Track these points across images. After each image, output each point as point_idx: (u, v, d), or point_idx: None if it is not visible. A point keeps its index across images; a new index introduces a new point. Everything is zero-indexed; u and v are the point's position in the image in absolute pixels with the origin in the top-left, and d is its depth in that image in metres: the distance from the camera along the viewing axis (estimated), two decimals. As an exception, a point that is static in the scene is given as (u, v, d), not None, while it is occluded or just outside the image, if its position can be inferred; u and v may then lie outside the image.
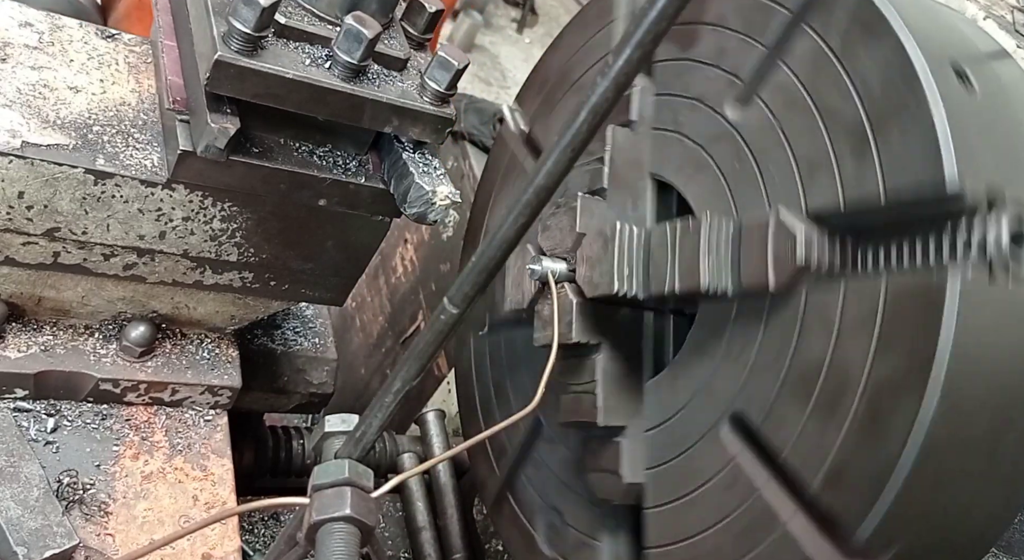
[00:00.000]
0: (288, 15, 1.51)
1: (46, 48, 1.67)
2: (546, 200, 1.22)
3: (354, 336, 3.80)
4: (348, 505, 1.18)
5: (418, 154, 1.70)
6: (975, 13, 2.12)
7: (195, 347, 1.94)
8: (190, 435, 1.87)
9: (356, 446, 1.38)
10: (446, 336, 1.32)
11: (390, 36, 1.64)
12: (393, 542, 2.34)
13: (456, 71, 1.60)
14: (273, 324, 2.25)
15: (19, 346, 1.74)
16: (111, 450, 1.76)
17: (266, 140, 1.63)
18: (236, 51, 1.42)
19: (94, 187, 1.56)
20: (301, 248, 1.81)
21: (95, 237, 1.63)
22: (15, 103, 1.54)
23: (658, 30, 1.06)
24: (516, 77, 6.77)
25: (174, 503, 1.75)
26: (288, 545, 1.31)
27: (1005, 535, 1.76)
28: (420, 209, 1.64)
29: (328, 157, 1.69)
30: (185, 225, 1.68)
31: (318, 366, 2.27)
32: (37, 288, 1.73)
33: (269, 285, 1.86)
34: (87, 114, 1.61)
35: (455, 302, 1.29)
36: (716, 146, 1.50)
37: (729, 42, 1.50)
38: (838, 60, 1.29)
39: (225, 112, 1.48)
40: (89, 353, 1.81)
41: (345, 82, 1.53)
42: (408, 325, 3.44)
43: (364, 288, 3.77)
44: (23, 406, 1.72)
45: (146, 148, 1.62)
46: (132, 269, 1.72)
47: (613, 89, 1.12)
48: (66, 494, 1.61)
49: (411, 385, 1.35)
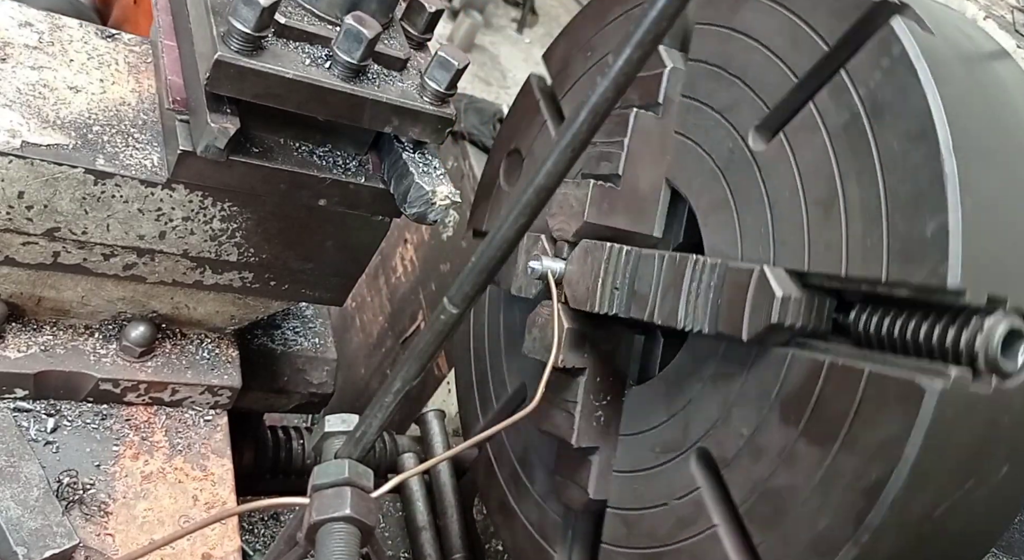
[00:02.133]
0: (288, 15, 1.50)
1: (46, 48, 1.67)
2: (546, 200, 1.22)
3: (354, 336, 3.80)
4: (348, 505, 1.18)
5: (418, 154, 1.70)
6: (975, 13, 2.12)
7: (195, 347, 1.94)
8: (190, 435, 1.87)
9: (356, 446, 1.38)
10: (446, 336, 1.32)
11: (390, 36, 1.64)
12: (393, 542, 2.34)
13: (456, 71, 1.60)
14: (273, 324, 2.25)
15: (19, 346, 1.74)
16: (111, 450, 1.76)
17: (266, 140, 1.63)
18: (236, 51, 1.42)
19: (94, 187, 1.56)
20: (301, 248, 1.81)
21: (95, 237, 1.63)
22: (15, 103, 1.54)
23: (658, 30, 1.06)
24: (516, 77, 6.76)
25: (174, 503, 1.75)
26: (288, 545, 1.30)
27: (1005, 535, 1.76)
28: (420, 209, 1.64)
29: (328, 157, 1.69)
30: (185, 225, 1.68)
31: (318, 366, 2.27)
32: (37, 288, 1.73)
33: (269, 285, 1.86)
34: (87, 114, 1.61)
35: (455, 302, 1.28)
36: (733, 171, 1.45)
37: (761, 62, 1.43)
38: (867, 119, 1.23)
39: (225, 112, 1.48)
40: (89, 353, 1.81)
41: (345, 82, 1.53)
42: (408, 325, 3.44)
43: (364, 288, 3.78)
44: (23, 406, 1.72)
45: (146, 148, 1.62)
46: (132, 269, 1.72)
47: (613, 89, 1.11)
48: (66, 494, 1.61)
49: (411, 385, 1.35)
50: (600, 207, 1.55)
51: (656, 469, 1.47)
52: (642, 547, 1.45)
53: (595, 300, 1.49)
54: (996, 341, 1.10)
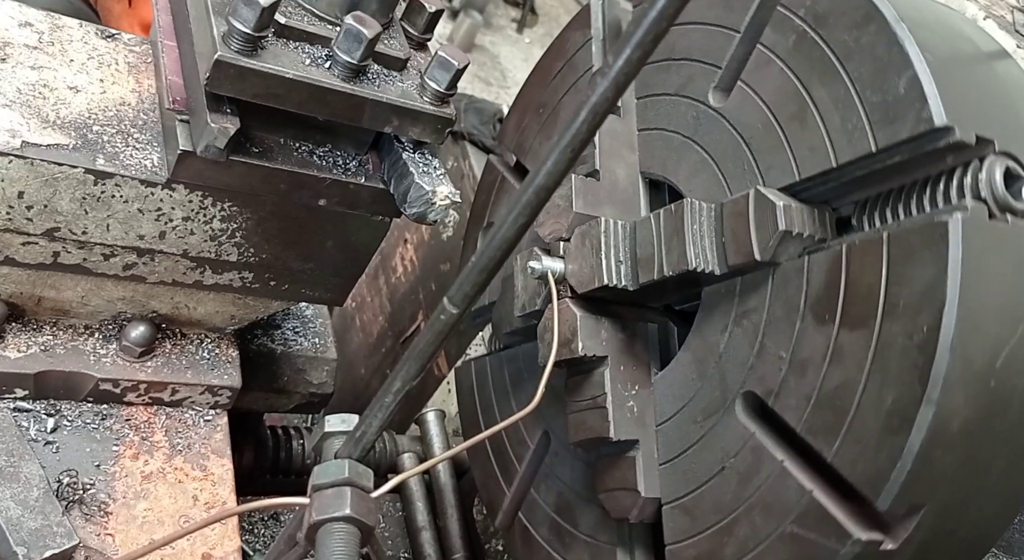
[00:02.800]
0: (288, 15, 1.50)
1: (46, 48, 1.67)
2: (546, 199, 1.22)
3: (354, 336, 3.80)
4: (348, 505, 1.18)
5: (418, 154, 1.70)
6: (975, 13, 2.12)
7: (195, 347, 1.94)
8: (190, 435, 1.87)
9: (356, 446, 1.38)
10: (446, 336, 1.31)
11: (390, 36, 1.64)
12: (393, 542, 2.34)
13: (456, 71, 1.60)
14: (273, 324, 2.25)
15: (19, 346, 1.74)
16: (111, 450, 1.76)
17: (266, 140, 1.63)
18: (236, 51, 1.42)
19: (94, 187, 1.56)
20: (301, 248, 1.81)
21: (95, 237, 1.63)
22: (15, 103, 1.54)
23: (658, 30, 1.06)
24: (516, 77, 6.76)
25: (174, 503, 1.75)
26: (288, 545, 1.30)
27: (1005, 535, 1.76)
28: (420, 209, 1.63)
29: (328, 157, 1.69)
30: (185, 225, 1.68)
31: (318, 366, 2.27)
32: (37, 288, 1.73)
33: (269, 285, 1.86)
34: (87, 114, 1.61)
35: (455, 302, 1.28)
36: (702, 133, 1.53)
37: (702, 36, 1.56)
38: (814, 30, 1.34)
39: (225, 112, 1.48)
40: (89, 353, 1.81)
41: (345, 82, 1.53)
42: (408, 325, 3.43)
43: (364, 288, 3.77)
44: (23, 406, 1.72)
45: (146, 148, 1.62)
46: (132, 269, 1.72)
47: (613, 89, 1.11)
48: (66, 494, 1.61)
49: (411, 385, 1.35)
50: (586, 198, 1.58)
51: (702, 439, 1.43)
52: (710, 526, 1.38)
53: (601, 273, 1.48)
54: (999, 178, 1.14)
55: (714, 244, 1.38)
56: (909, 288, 1.14)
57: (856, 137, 1.25)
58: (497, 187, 2.11)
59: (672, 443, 1.50)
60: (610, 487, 1.55)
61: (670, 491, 1.48)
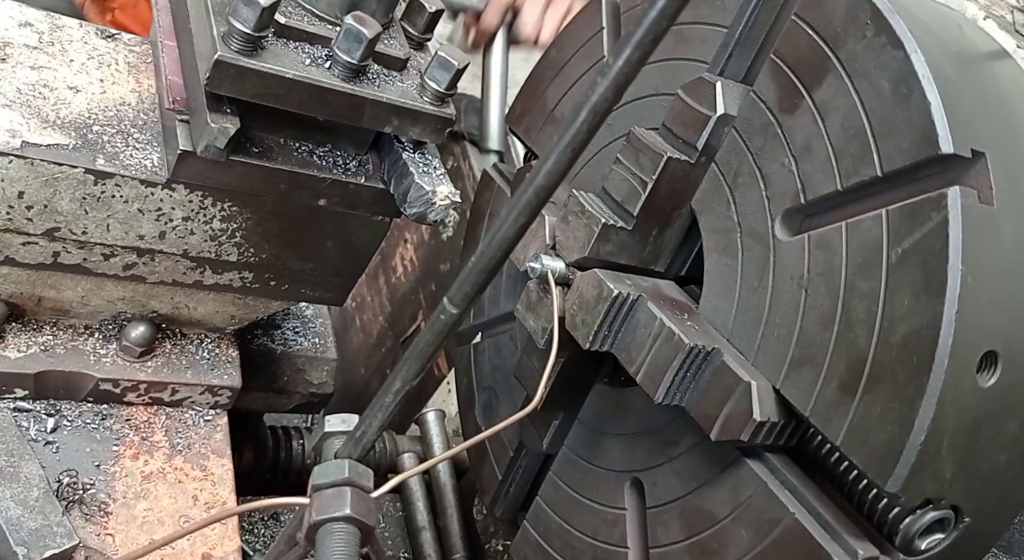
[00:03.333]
0: (288, 15, 1.50)
1: (46, 48, 1.67)
2: (546, 199, 1.22)
3: (354, 336, 3.80)
4: (348, 505, 1.18)
5: (418, 154, 1.70)
6: (975, 13, 2.12)
7: (195, 347, 1.94)
8: (190, 435, 1.87)
9: (356, 446, 1.38)
10: (446, 336, 1.31)
11: (390, 36, 1.64)
12: (393, 542, 2.34)
13: (456, 71, 1.60)
14: (273, 324, 2.25)
15: (19, 346, 1.74)
16: (111, 450, 1.76)
17: (266, 140, 1.63)
18: (236, 51, 1.42)
19: (94, 187, 1.56)
20: (301, 248, 1.81)
21: (95, 237, 1.63)
22: (15, 103, 1.54)
23: (658, 30, 1.06)
24: (516, 77, 6.75)
25: (174, 503, 1.75)
26: (288, 545, 1.30)
27: (1005, 535, 1.76)
28: (420, 209, 1.64)
29: (328, 157, 1.69)
30: (185, 225, 1.68)
31: (318, 366, 2.27)
32: (37, 288, 1.73)
33: (269, 285, 1.86)
34: (87, 114, 1.61)
35: (455, 302, 1.28)
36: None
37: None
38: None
39: (225, 112, 1.48)
40: (89, 353, 1.81)
41: (345, 82, 1.53)
42: (408, 325, 3.43)
43: (364, 288, 3.77)
44: (23, 406, 1.72)
45: (146, 148, 1.62)
46: (132, 269, 1.72)
47: (613, 89, 1.11)
48: (66, 494, 1.60)
49: (411, 385, 1.34)
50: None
51: (773, 293, 1.39)
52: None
53: (596, 220, 1.46)
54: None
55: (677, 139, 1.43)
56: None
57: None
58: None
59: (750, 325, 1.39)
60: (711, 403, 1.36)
61: (770, 369, 1.35)
